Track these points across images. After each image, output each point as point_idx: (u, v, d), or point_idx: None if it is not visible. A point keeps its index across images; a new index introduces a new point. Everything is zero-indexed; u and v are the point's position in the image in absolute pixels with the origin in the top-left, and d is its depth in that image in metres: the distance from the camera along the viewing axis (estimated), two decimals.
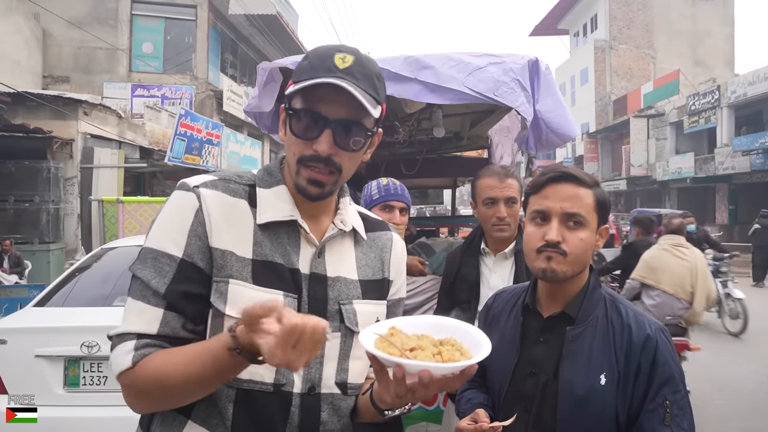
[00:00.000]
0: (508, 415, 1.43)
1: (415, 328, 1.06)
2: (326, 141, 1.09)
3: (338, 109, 1.09)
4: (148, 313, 1.05)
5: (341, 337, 1.16)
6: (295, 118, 1.11)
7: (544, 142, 2.99)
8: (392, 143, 4.21)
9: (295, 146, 1.12)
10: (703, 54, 35.37)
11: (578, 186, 1.44)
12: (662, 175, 28.35)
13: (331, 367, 1.15)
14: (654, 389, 1.35)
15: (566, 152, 38.00)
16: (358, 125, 1.11)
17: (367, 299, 1.22)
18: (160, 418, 1.12)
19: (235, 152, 17.51)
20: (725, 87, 23.80)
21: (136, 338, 1.04)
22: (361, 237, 1.27)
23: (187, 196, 1.11)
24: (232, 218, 1.12)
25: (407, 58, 2.76)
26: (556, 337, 1.46)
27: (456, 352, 0.99)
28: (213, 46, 18.36)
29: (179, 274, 1.07)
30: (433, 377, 0.94)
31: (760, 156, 21.22)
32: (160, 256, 1.08)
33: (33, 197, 10.29)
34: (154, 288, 1.05)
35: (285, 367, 0.87)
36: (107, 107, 12.22)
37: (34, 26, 14.96)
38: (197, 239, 1.09)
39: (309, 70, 1.09)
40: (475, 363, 0.95)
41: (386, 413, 1.14)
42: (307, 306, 1.13)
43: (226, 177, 1.18)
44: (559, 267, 1.41)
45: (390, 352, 0.95)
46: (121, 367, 1.04)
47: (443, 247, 3.99)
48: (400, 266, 1.34)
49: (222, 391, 1.07)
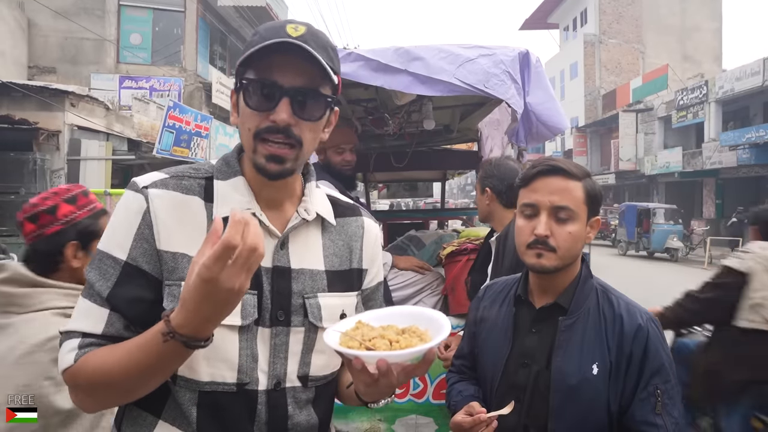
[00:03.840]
0: (501, 406, 1.43)
1: (380, 320, 1.09)
2: (284, 109, 1.03)
3: (294, 77, 1.04)
4: (93, 313, 1.03)
5: (305, 332, 1.13)
6: (248, 90, 1.05)
7: (535, 135, 3.00)
8: (382, 136, 4.19)
9: (250, 120, 1.06)
10: (691, 49, 35.62)
11: (567, 179, 1.44)
12: (650, 169, 28.57)
13: (293, 362, 1.12)
14: (645, 378, 1.37)
15: (555, 146, 38.17)
16: (316, 93, 1.07)
17: (333, 291, 1.18)
18: (130, 418, 1.10)
19: (224, 144, 17.38)
20: (713, 82, 23.98)
21: (81, 336, 1.02)
22: (329, 223, 1.22)
23: (134, 198, 1.07)
24: (185, 218, 1.08)
25: (397, 50, 2.74)
26: (549, 328, 1.47)
27: (416, 338, 1.01)
28: (202, 38, 18.19)
29: (123, 277, 1.04)
30: (390, 365, 0.97)
31: (747, 151, 21.44)
32: (105, 258, 1.05)
33: (19, 189, 10.14)
34: (98, 291, 1.03)
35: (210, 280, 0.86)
36: (95, 99, 12.07)
37: (18, 16, 14.72)
38: (144, 242, 1.05)
39: (260, 41, 1.03)
40: (431, 346, 0.97)
41: (370, 405, 1.16)
42: (269, 301, 1.09)
43: (179, 174, 1.13)
44: (549, 262, 1.43)
45: (350, 345, 0.99)
46: (63, 365, 1.02)
47: (433, 239, 4.00)
48: (374, 252, 1.29)
49: (184, 395, 1.05)
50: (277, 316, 1.10)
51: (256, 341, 1.08)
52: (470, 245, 3.24)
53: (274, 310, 1.10)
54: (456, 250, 3.30)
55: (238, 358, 1.06)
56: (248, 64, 1.06)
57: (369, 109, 3.77)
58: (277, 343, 1.10)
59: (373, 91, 3.34)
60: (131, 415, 1.10)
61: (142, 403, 1.08)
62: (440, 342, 1.00)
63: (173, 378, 1.05)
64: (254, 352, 1.08)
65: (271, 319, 1.10)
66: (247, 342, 1.07)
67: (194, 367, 1.04)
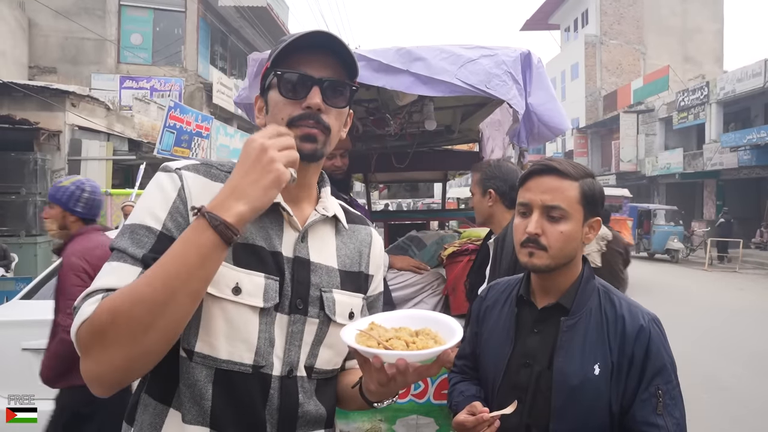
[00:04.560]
0: (503, 406, 1.43)
1: (392, 323, 1.13)
2: (316, 95, 1.13)
3: (323, 69, 1.15)
4: (123, 270, 1.00)
5: (318, 323, 1.17)
6: (282, 81, 1.15)
7: (536, 136, 2.99)
8: (383, 136, 4.19)
9: (283, 110, 1.15)
10: (692, 50, 35.59)
11: (561, 179, 1.45)
12: (651, 170, 28.55)
13: (304, 352, 1.16)
14: (647, 379, 1.37)
15: (556, 147, 38.14)
16: (341, 84, 1.17)
17: (345, 290, 1.23)
18: (142, 407, 1.11)
19: (225, 145, 17.40)
20: (714, 83, 23.97)
21: (105, 292, 0.97)
22: (342, 226, 1.29)
23: (170, 176, 1.12)
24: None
25: (399, 50, 2.74)
26: (550, 328, 1.47)
27: (430, 340, 1.05)
28: (203, 38, 18.21)
29: (158, 244, 1.03)
30: (409, 364, 1.00)
31: (748, 152, 21.43)
32: (138, 229, 1.05)
33: (20, 189, 10.15)
34: (132, 254, 1.02)
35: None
36: (95, 99, 12.08)
37: (19, 15, 14.74)
38: (179, 215, 1.08)
39: (286, 40, 1.15)
40: (447, 348, 1.02)
41: (375, 405, 1.18)
42: (290, 288, 1.13)
43: (207, 162, 1.18)
44: (540, 261, 1.45)
45: (368, 344, 1.03)
46: (79, 321, 0.95)
47: (434, 239, 3.99)
48: (378, 261, 1.36)
49: (201, 371, 1.07)
50: (296, 304, 1.14)
51: (274, 326, 1.12)
52: (471, 246, 3.24)
53: (293, 298, 1.14)
54: (457, 250, 3.30)
55: (256, 340, 1.09)
56: (279, 62, 1.15)
57: (370, 110, 3.77)
58: (293, 331, 1.14)
59: (374, 91, 3.34)
60: (143, 404, 1.11)
61: (153, 392, 1.10)
62: (455, 344, 1.04)
63: (190, 354, 1.06)
64: (272, 336, 1.11)
65: (290, 306, 1.13)
66: (266, 325, 1.10)
67: (213, 344, 1.06)
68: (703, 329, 8.77)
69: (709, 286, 14.12)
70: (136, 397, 1.15)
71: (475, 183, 2.78)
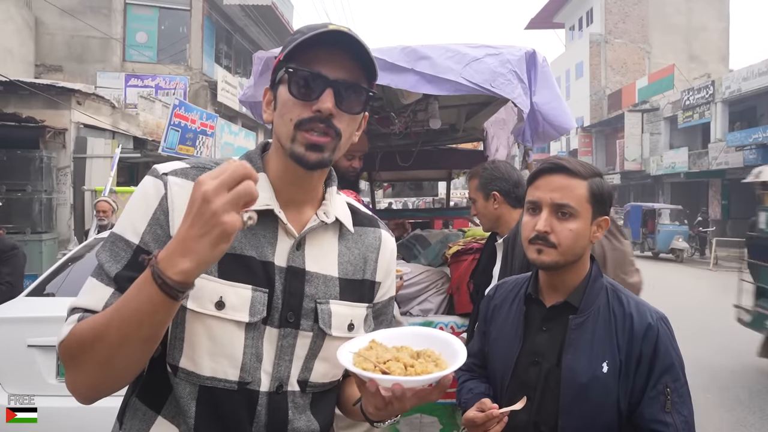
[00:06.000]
0: (511, 404, 1.44)
1: (394, 340, 1.08)
2: (329, 99, 1.04)
3: (338, 70, 1.06)
4: (98, 291, 1.02)
5: (312, 337, 1.11)
6: (293, 79, 1.06)
7: (541, 134, 2.98)
8: (388, 134, 4.19)
9: (292, 111, 1.06)
10: (697, 49, 35.45)
11: (570, 177, 1.46)
12: (656, 169, 28.46)
13: (296, 366, 1.11)
14: (655, 377, 1.37)
15: (560, 146, 38.09)
16: (357, 87, 1.08)
17: (344, 300, 1.16)
18: (131, 411, 1.10)
19: (230, 143, 17.44)
20: (719, 82, 23.88)
21: (83, 312, 1.01)
22: (348, 230, 1.20)
23: (154, 183, 1.08)
24: None
25: (404, 49, 2.74)
26: (559, 326, 1.48)
27: (431, 363, 1.00)
28: (207, 37, 18.23)
29: (133, 259, 1.02)
30: (405, 390, 0.95)
31: (754, 151, 21.34)
32: (118, 241, 1.05)
33: (25, 187, 10.19)
34: (107, 271, 1.03)
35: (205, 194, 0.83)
36: (101, 97, 12.10)
37: (26, 14, 14.79)
38: (158, 228, 1.05)
39: (304, 34, 1.05)
40: (447, 374, 0.96)
41: (376, 425, 1.14)
42: (280, 301, 1.08)
43: (200, 164, 1.11)
44: (549, 258, 1.45)
45: (365, 367, 0.98)
46: (59, 338, 0.99)
47: (438, 238, 4.00)
48: (389, 266, 1.28)
49: (184, 388, 1.04)
50: (287, 317, 1.09)
51: (262, 341, 1.07)
52: (476, 245, 3.24)
53: (284, 311, 1.09)
54: (461, 249, 3.30)
55: (242, 356, 1.05)
56: (292, 57, 1.07)
57: (375, 108, 3.78)
58: (284, 345, 1.09)
59: (379, 90, 3.34)
60: (133, 408, 1.10)
61: (143, 397, 1.08)
62: (456, 369, 0.98)
63: (174, 370, 1.04)
64: (259, 351, 1.07)
65: (281, 319, 1.08)
66: (252, 340, 1.06)
67: (196, 360, 1.03)
68: (707, 329, 8.74)
69: (714, 285, 14.07)
70: (126, 399, 1.13)
71: (476, 189, 2.73)
